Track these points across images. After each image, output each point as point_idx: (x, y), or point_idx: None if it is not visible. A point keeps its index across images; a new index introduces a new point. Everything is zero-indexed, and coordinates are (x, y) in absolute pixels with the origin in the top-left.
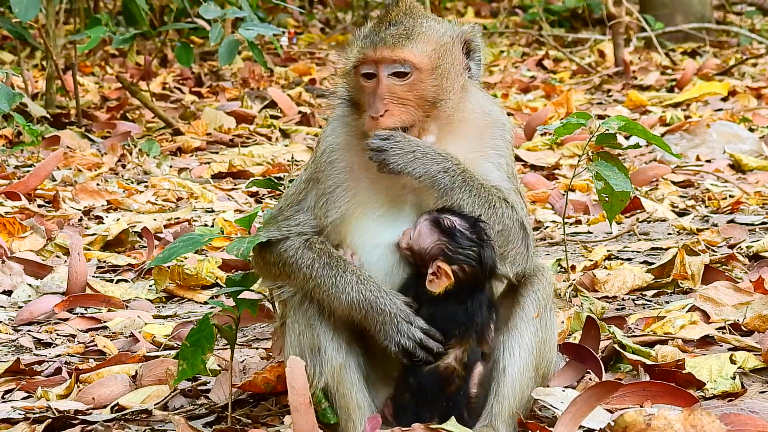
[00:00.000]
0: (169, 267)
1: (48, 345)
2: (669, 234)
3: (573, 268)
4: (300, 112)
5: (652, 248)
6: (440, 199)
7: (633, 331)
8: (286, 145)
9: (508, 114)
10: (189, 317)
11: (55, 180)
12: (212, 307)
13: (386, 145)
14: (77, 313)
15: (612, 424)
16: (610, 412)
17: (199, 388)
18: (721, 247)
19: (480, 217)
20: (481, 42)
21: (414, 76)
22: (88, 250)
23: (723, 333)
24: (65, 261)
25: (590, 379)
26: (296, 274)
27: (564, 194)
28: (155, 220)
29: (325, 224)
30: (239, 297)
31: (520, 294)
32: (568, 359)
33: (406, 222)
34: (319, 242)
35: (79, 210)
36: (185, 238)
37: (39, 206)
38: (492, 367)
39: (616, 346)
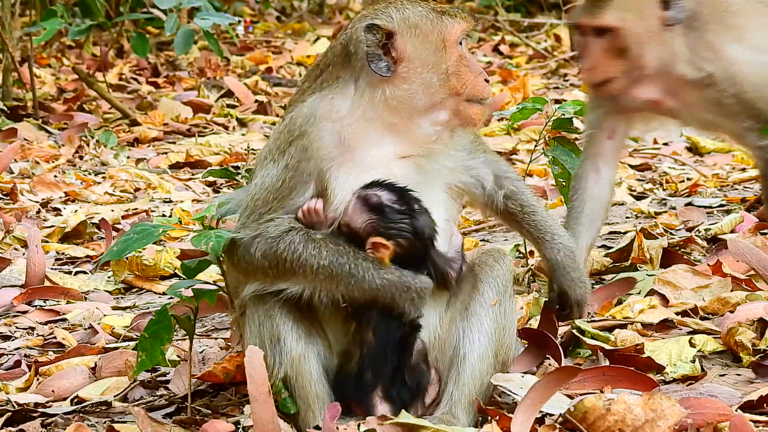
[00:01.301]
0: (127, 258)
1: (7, 338)
2: (627, 218)
3: (531, 253)
4: (257, 101)
5: (611, 232)
6: None
7: (592, 316)
8: (243, 134)
9: None
10: (148, 308)
11: (12, 172)
12: (171, 298)
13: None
14: (36, 306)
15: (572, 409)
16: (570, 397)
17: (158, 379)
18: (679, 230)
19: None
20: None
21: None
22: (47, 242)
23: (682, 317)
24: (23, 253)
25: (549, 364)
26: (302, 270)
27: (523, 178)
28: (113, 211)
29: (329, 218)
30: (197, 287)
31: (479, 280)
32: (527, 345)
33: None
34: (318, 233)
35: (37, 202)
36: (139, 230)
37: None
38: (442, 349)
39: (574, 331)
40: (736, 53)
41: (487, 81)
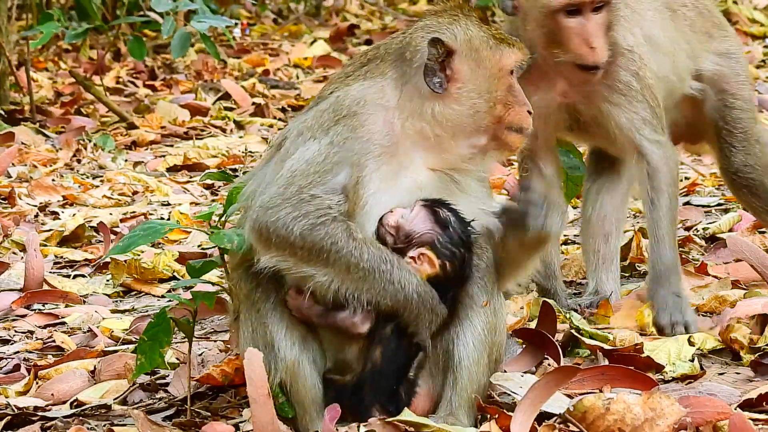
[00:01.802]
0: (125, 261)
1: (6, 342)
2: (626, 217)
3: None
4: (254, 103)
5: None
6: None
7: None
8: (240, 137)
9: None
10: (147, 311)
11: (10, 176)
12: (170, 301)
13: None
14: (35, 310)
15: (571, 408)
16: (570, 396)
17: (157, 381)
18: (677, 229)
19: None
20: None
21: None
22: (45, 245)
23: None
24: (22, 257)
25: (549, 364)
26: (337, 262)
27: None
28: (111, 214)
29: (356, 209)
30: (196, 290)
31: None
32: (525, 345)
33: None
34: (359, 231)
35: (35, 206)
36: (145, 227)
37: None
38: (433, 353)
39: (573, 331)
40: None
41: (530, 113)
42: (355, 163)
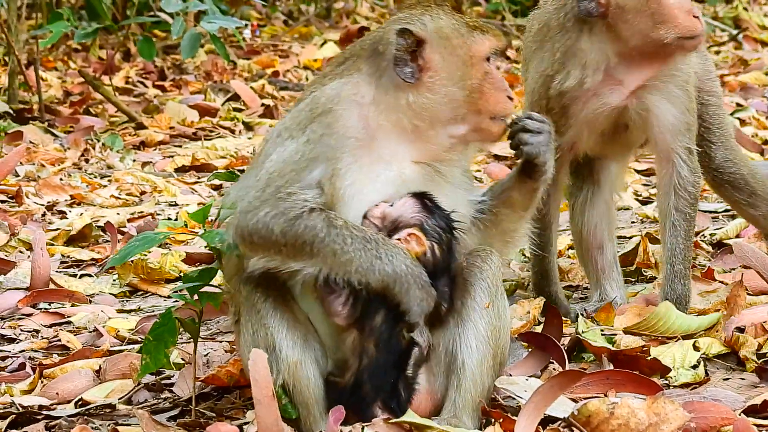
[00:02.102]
0: (132, 261)
1: (12, 340)
2: (632, 222)
3: None
4: (263, 104)
5: (616, 237)
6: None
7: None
8: (249, 138)
9: None
10: (153, 311)
11: (18, 175)
12: (175, 301)
13: (544, 128)
14: (41, 309)
15: (576, 413)
16: (574, 401)
17: (162, 382)
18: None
19: None
20: None
21: None
22: (52, 245)
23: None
24: (28, 256)
25: (554, 368)
26: (322, 251)
27: None
28: (119, 214)
29: (334, 203)
30: (202, 290)
31: (470, 283)
32: (531, 349)
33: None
34: (339, 216)
35: (43, 205)
36: (141, 237)
37: (2, 202)
38: (435, 352)
39: (579, 335)
40: None
41: (511, 98)
42: (330, 158)
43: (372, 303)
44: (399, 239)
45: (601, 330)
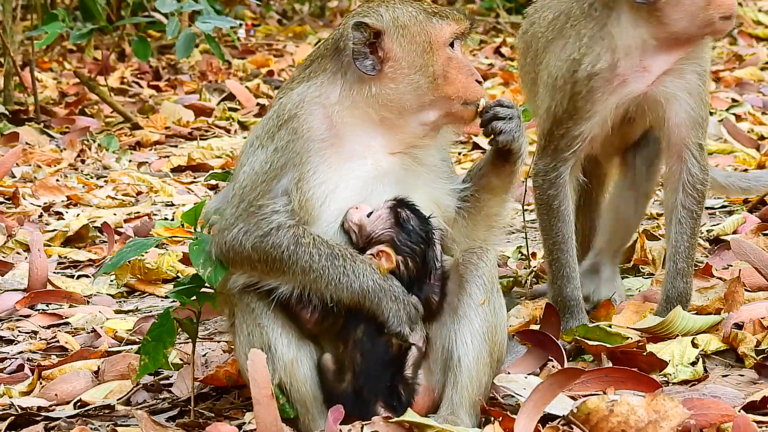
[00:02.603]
0: (129, 262)
1: (10, 342)
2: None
3: (534, 255)
4: (258, 104)
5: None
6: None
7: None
8: (245, 138)
9: None
10: (150, 311)
11: (14, 176)
12: (173, 301)
13: (514, 113)
14: (39, 310)
15: (575, 410)
16: (573, 398)
17: (161, 382)
18: None
19: None
20: None
21: None
22: (49, 246)
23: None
24: (26, 257)
25: (553, 366)
26: (291, 268)
27: (524, 181)
28: (115, 214)
29: (304, 206)
30: (200, 291)
31: (465, 280)
32: (529, 346)
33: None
34: (307, 232)
35: (39, 206)
36: (132, 243)
37: None
38: (431, 350)
39: (577, 336)
40: None
41: (479, 82)
42: (297, 163)
43: (351, 317)
44: (371, 255)
45: (608, 326)
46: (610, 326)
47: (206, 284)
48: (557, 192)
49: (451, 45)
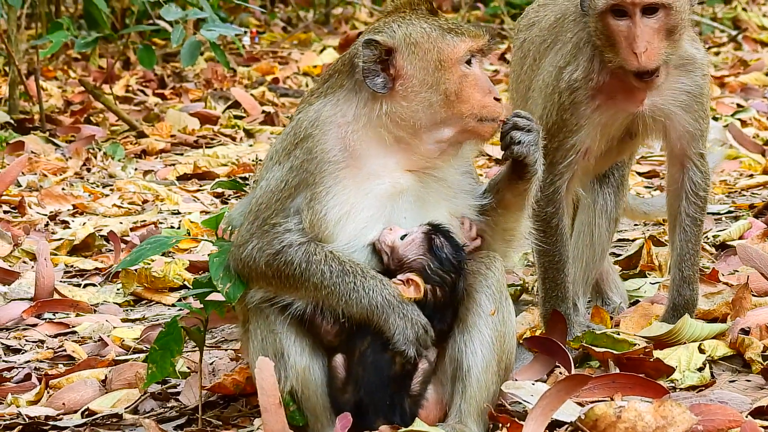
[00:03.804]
0: (136, 270)
1: (17, 351)
2: (635, 225)
3: None
4: (264, 111)
5: (619, 239)
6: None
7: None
8: (250, 145)
9: None
10: (157, 320)
11: (20, 185)
12: (180, 310)
13: (533, 126)
14: (45, 319)
15: (582, 417)
16: (581, 405)
17: (168, 390)
18: None
19: None
20: None
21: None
22: (55, 255)
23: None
24: (32, 267)
25: (560, 372)
26: (304, 285)
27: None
28: (121, 223)
29: (317, 226)
30: (207, 299)
31: (474, 289)
32: (536, 353)
33: (393, 222)
34: (319, 249)
35: (45, 215)
36: (152, 240)
37: (5, 212)
38: (441, 362)
39: (584, 343)
40: None
41: (497, 99)
42: (310, 183)
43: (360, 330)
44: (401, 280)
45: (615, 332)
46: (617, 333)
47: (215, 291)
48: (556, 209)
49: (468, 62)
